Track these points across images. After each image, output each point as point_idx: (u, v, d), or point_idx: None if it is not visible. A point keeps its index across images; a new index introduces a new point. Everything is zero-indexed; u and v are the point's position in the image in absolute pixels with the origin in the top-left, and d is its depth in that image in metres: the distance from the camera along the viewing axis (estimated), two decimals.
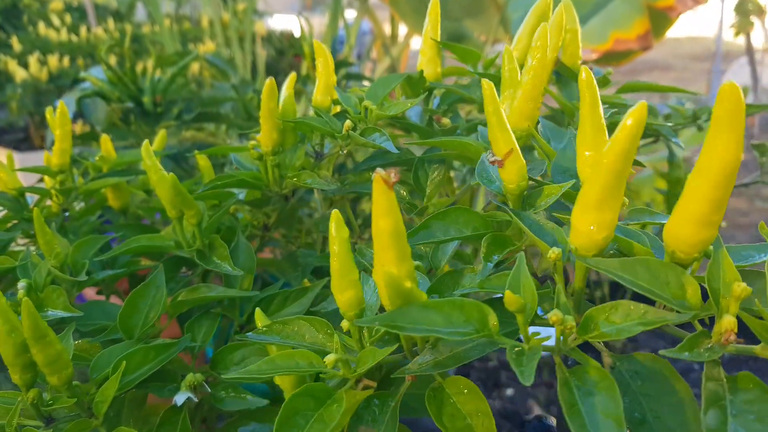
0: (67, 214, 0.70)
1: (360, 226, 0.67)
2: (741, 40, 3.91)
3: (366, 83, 1.37)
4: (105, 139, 0.73)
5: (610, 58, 1.71)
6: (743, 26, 3.88)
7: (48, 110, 0.71)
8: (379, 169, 0.31)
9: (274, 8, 5.87)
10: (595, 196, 0.32)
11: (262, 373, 0.36)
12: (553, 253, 0.34)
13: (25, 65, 2.33)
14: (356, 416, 0.35)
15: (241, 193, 0.61)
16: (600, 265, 0.32)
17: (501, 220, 0.41)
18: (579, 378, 0.30)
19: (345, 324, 0.37)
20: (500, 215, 0.41)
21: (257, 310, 0.42)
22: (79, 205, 0.75)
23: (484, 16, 2.03)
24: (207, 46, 2.56)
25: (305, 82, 1.27)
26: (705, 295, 0.33)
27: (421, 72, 0.61)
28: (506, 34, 1.98)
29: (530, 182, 0.42)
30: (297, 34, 3.46)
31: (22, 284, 0.51)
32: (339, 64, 1.43)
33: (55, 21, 2.76)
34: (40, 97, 2.25)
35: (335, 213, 0.34)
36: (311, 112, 0.61)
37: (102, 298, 0.63)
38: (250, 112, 1.28)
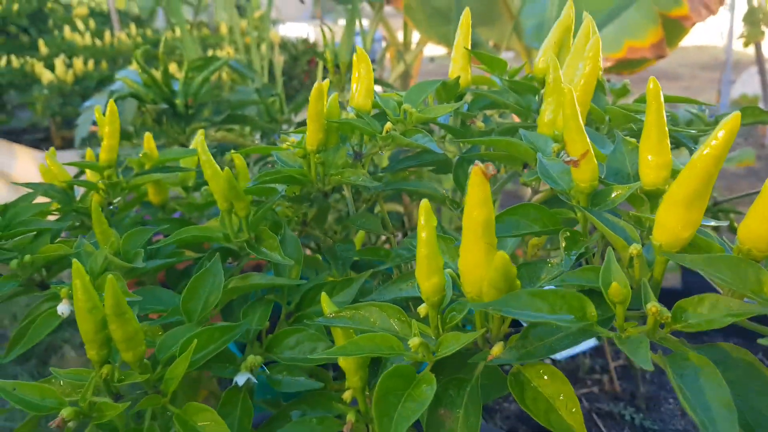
0: (111, 207, 0.74)
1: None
2: (750, 49, 3.93)
3: (378, 88, 1.41)
4: (148, 138, 0.76)
5: (624, 65, 1.74)
6: (753, 36, 3.90)
7: (96, 109, 0.75)
8: (477, 162, 0.34)
9: (285, 16, 5.93)
10: (685, 197, 0.35)
11: (346, 352, 0.39)
12: (635, 249, 0.37)
13: (50, 68, 2.38)
14: (436, 398, 0.38)
15: (281, 189, 0.64)
16: (686, 261, 0.35)
17: (567, 217, 0.44)
18: (680, 365, 0.33)
19: (422, 310, 0.40)
20: (566, 212, 0.44)
21: (323, 295, 0.45)
22: (116, 200, 0.79)
23: (498, 24, 2.06)
24: (225, 52, 2.61)
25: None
26: None
27: (457, 78, 0.65)
28: (519, 42, 2.01)
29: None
30: (309, 41, 3.52)
31: None
32: None
33: (80, 25, 2.81)
34: (65, 99, 2.30)
35: (424, 203, 0.37)
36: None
37: None
38: (271, 115, 1.32)
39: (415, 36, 2.71)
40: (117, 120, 0.70)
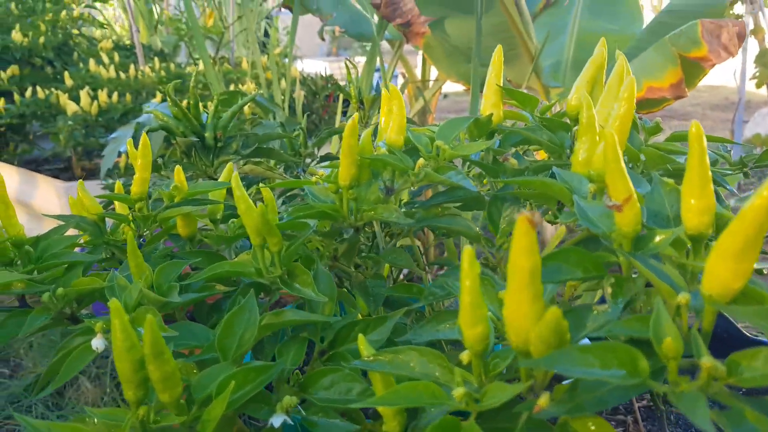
0: (141, 239, 0.74)
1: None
2: (762, 90, 3.93)
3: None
4: (179, 171, 0.77)
5: (643, 105, 1.74)
6: (765, 77, 3.91)
7: (129, 142, 0.75)
8: (523, 210, 0.34)
9: (301, 53, 6.04)
10: (736, 248, 0.34)
11: (388, 402, 0.38)
12: (683, 298, 0.36)
13: (75, 99, 2.43)
14: None
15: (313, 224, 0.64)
16: (738, 313, 0.34)
17: (607, 261, 0.43)
18: (737, 422, 0.32)
19: (465, 357, 0.39)
20: (606, 255, 0.43)
21: (360, 338, 0.44)
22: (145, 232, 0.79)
23: (516, 63, 2.08)
24: (247, 87, 2.64)
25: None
26: None
27: (490, 115, 0.65)
28: (537, 81, 2.02)
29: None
30: (328, 76, 3.56)
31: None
32: None
33: (105, 59, 2.87)
34: (89, 130, 2.34)
35: (467, 249, 0.37)
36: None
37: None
38: (295, 148, 1.33)
39: (432, 73, 2.74)
40: (149, 153, 0.71)
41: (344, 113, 3.36)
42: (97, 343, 0.51)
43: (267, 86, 2.52)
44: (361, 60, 8.58)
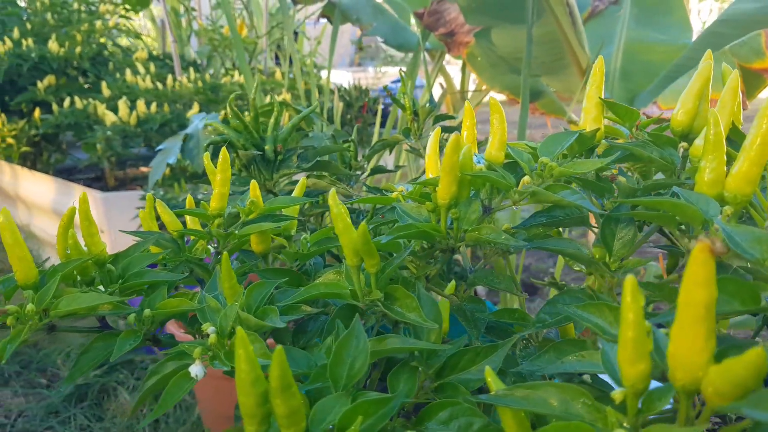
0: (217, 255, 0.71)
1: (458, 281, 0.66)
2: None
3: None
4: (254, 186, 0.74)
5: None
6: None
7: (206, 156, 0.73)
8: (702, 237, 0.30)
9: (325, 63, 6.05)
10: None
11: None
12: None
13: (112, 110, 2.43)
14: None
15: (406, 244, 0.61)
16: None
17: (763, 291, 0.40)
18: None
19: (618, 395, 0.36)
20: (762, 285, 0.40)
21: (488, 370, 0.40)
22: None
23: (563, 74, 2.04)
24: (283, 97, 2.63)
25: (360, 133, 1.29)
26: None
27: (595, 131, 0.61)
28: (583, 91, 1.98)
29: None
30: (362, 87, 3.55)
31: (212, 329, 0.51)
32: (440, 118, 1.46)
33: (140, 69, 2.88)
34: (127, 140, 2.34)
35: (630, 279, 0.33)
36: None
37: None
38: (346, 161, 1.30)
39: (471, 83, 2.71)
40: (229, 168, 0.69)
41: (382, 125, 3.34)
42: (196, 370, 0.48)
43: (306, 97, 2.51)
44: (387, 70, 8.57)
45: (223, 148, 0.69)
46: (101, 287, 0.61)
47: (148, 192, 2.01)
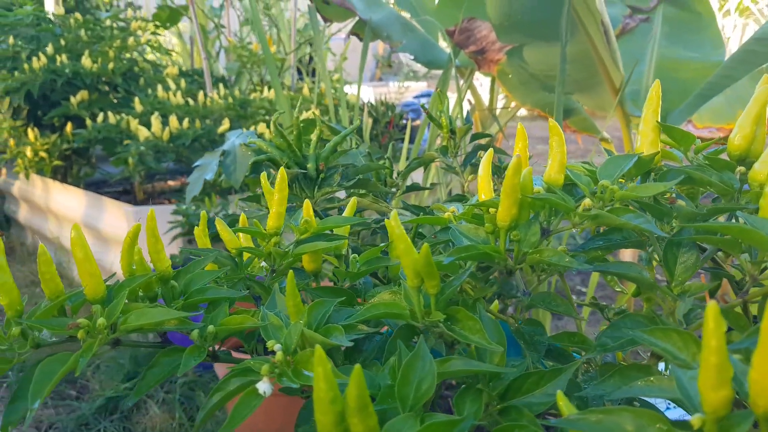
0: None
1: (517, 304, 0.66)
2: None
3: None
4: (307, 205, 0.75)
5: None
6: None
7: (263, 175, 0.74)
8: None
9: (349, 78, 6.11)
10: None
11: None
12: None
13: (144, 125, 2.47)
14: None
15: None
16: None
17: None
18: None
19: (697, 422, 0.36)
20: None
21: (560, 394, 0.41)
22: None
23: (596, 92, 2.04)
24: (311, 113, 2.66)
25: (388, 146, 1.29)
26: None
27: (654, 154, 0.62)
28: (619, 110, 1.97)
29: None
30: (389, 103, 3.57)
31: (278, 347, 0.52)
32: (477, 136, 1.46)
33: (172, 85, 2.93)
34: (159, 155, 2.38)
35: (712, 305, 0.33)
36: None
37: None
38: (381, 178, 1.31)
39: (500, 99, 2.71)
40: (286, 188, 0.70)
41: (403, 140, 3.35)
42: (264, 387, 0.49)
43: (334, 113, 2.53)
44: (410, 84, 8.61)
45: (282, 170, 0.70)
46: (161, 300, 0.62)
47: (184, 206, 2.03)
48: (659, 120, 0.63)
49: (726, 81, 1.82)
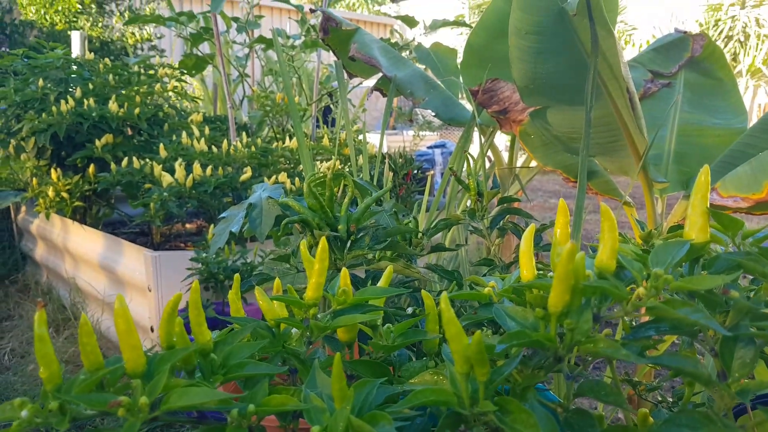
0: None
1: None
2: None
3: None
4: (345, 274, 0.74)
5: (764, 206, 1.67)
6: None
7: (302, 243, 0.74)
8: None
9: (364, 128, 6.20)
10: None
11: None
12: None
13: (169, 170, 2.50)
14: None
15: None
16: None
17: None
18: None
19: None
20: None
21: None
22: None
23: (618, 155, 2.04)
24: (333, 164, 2.68)
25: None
26: None
27: (706, 243, 0.61)
28: (642, 175, 1.97)
29: None
30: (408, 156, 3.60)
31: None
32: (505, 200, 1.46)
33: (196, 132, 2.97)
34: (182, 201, 2.39)
35: None
36: None
37: None
38: (406, 238, 1.31)
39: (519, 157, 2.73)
40: (327, 258, 0.69)
41: (420, 192, 3.37)
42: None
43: (354, 163, 2.55)
44: (425, 134, 8.70)
45: (323, 239, 0.69)
46: (199, 374, 0.61)
47: (204, 254, 2.03)
48: (706, 203, 0.63)
49: (750, 150, 1.82)
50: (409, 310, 1.01)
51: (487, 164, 2.78)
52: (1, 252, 3.98)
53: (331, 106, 4.76)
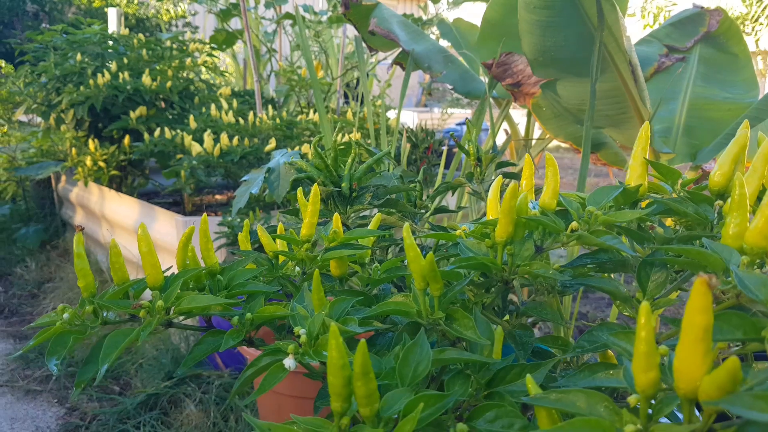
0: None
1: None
2: None
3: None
4: (337, 218, 0.86)
5: None
6: None
7: (299, 190, 0.85)
8: (702, 273, 0.39)
9: (394, 103, 6.26)
10: None
11: None
12: None
13: (197, 141, 2.64)
14: None
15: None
16: None
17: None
18: None
19: (633, 400, 0.44)
20: (765, 322, 0.47)
21: (529, 378, 0.50)
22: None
23: (627, 127, 2.11)
24: (354, 136, 2.79)
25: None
26: None
27: (638, 186, 0.70)
28: (650, 148, 2.03)
29: None
30: (429, 130, 3.69)
31: (303, 331, 0.62)
32: (501, 164, 1.55)
33: (224, 105, 3.11)
34: (210, 170, 2.53)
35: (644, 305, 0.42)
36: None
37: None
38: (412, 200, 1.41)
39: (536, 130, 2.80)
40: (319, 202, 0.80)
41: (446, 166, 3.46)
42: (289, 362, 0.59)
43: (375, 137, 2.65)
44: (454, 111, 8.72)
45: (315, 186, 0.81)
46: (209, 293, 0.73)
47: (230, 218, 2.17)
48: (645, 153, 0.72)
49: (754, 123, 1.87)
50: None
51: (504, 136, 2.86)
52: (43, 219, 4.21)
53: (359, 82, 4.86)
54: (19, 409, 2.30)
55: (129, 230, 3.17)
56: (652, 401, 0.47)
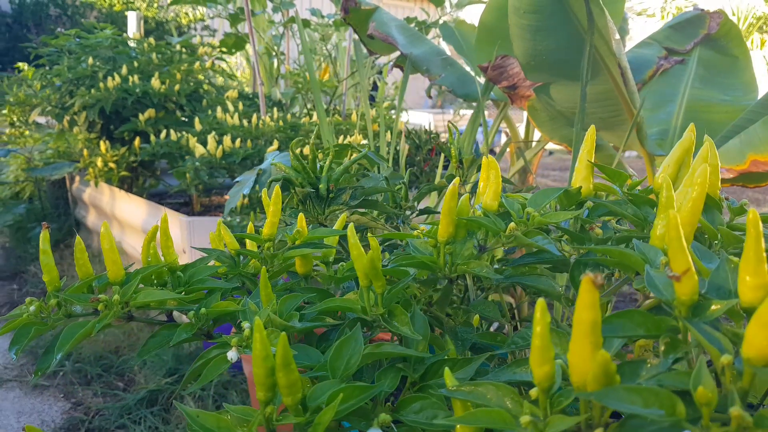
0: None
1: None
2: None
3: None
4: (301, 218, 0.89)
5: (747, 179, 1.73)
6: None
7: (263, 192, 0.89)
8: (588, 272, 0.41)
9: (408, 105, 6.29)
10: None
11: (465, 421, 0.46)
12: (726, 359, 0.42)
13: (202, 143, 2.69)
14: None
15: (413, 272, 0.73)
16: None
17: (671, 324, 0.50)
18: None
19: (533, 393, 0.47)
20: (669, 320, 0.50)
21: (446, 370, 0.53)
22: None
23: (620, 130, 2.12)
24: (355, 138, 2.83)
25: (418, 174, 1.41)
26: None
27: (579, 188, 0.73)
28: (641, 147, 2.04)
29: None
30: (432, 131, 3.71)
31: (247, 325, 0.65)
32: None
33: (230, 107, 3.16)
34: (213, 171, 2.59)
35: (541, 302, 0.45)
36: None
37: None
38: (396, 201, 1.44)
39: (536, 132, 2.81)
40: (280, 202, 0.84)
41: (445, 167, 3.48)
42: (232, 354, 0.62)
43: (374, 138, 2.69)
44: (466, 113, 8.74)
45: (276, 186, 0.84)
46: (170, 288, 0.77)
47: (224, 218, 2.22)
48: (591, 156, 0.74)
49: (749, 124, 1.87)
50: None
51: (504, 138, 2.87)
52: (57, 218, 4.30)
53: (377, 82, 4.90)
54: (26, 403, 2.36)
55: (137, 229, 3.24)
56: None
